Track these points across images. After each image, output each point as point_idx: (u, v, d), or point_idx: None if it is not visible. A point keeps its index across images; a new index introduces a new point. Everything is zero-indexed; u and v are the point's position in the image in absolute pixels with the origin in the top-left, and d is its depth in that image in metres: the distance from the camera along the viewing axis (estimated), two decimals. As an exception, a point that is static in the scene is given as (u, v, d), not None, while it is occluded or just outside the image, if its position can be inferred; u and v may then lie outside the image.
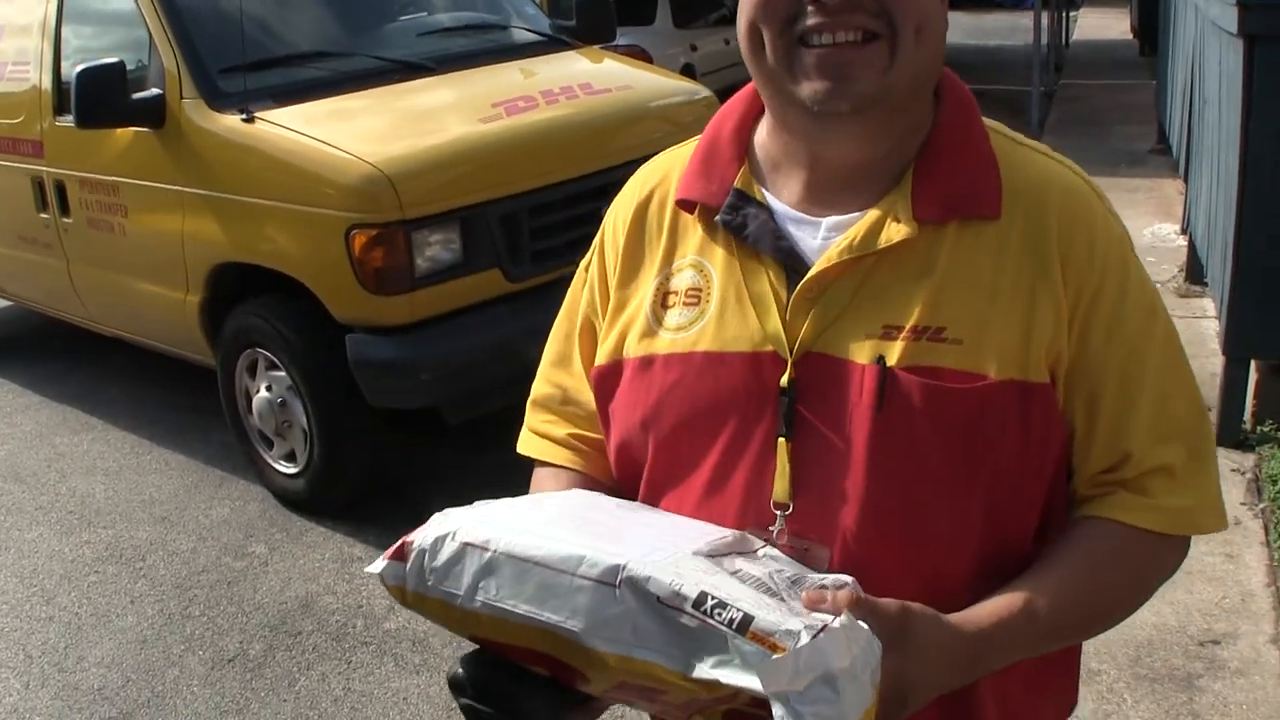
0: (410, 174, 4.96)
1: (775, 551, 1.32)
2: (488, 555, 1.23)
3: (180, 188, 5.59)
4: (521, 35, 6.64)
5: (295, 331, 5.27)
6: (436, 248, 5.01)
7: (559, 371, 1.67)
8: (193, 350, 6.03)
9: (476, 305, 5.20)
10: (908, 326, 1.35)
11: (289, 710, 4.13)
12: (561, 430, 1.66)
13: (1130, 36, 19.17)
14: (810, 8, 1.32)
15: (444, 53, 6.16)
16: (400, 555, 1.30)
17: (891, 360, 1.34)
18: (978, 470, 1.34)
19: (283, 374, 5.39)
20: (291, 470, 5.54)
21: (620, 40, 7.93)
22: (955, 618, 1.29)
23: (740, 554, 1.28)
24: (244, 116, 5.33)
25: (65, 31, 6.45)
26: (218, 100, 5.49)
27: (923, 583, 1.32)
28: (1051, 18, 17.48)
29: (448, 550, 1.26)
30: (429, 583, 1.27)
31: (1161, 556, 1.44)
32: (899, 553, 1.35)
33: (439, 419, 5.24)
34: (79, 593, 5.07)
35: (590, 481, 1.61)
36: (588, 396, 1.61)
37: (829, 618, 1.13)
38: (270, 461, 5.66)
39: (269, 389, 5.49)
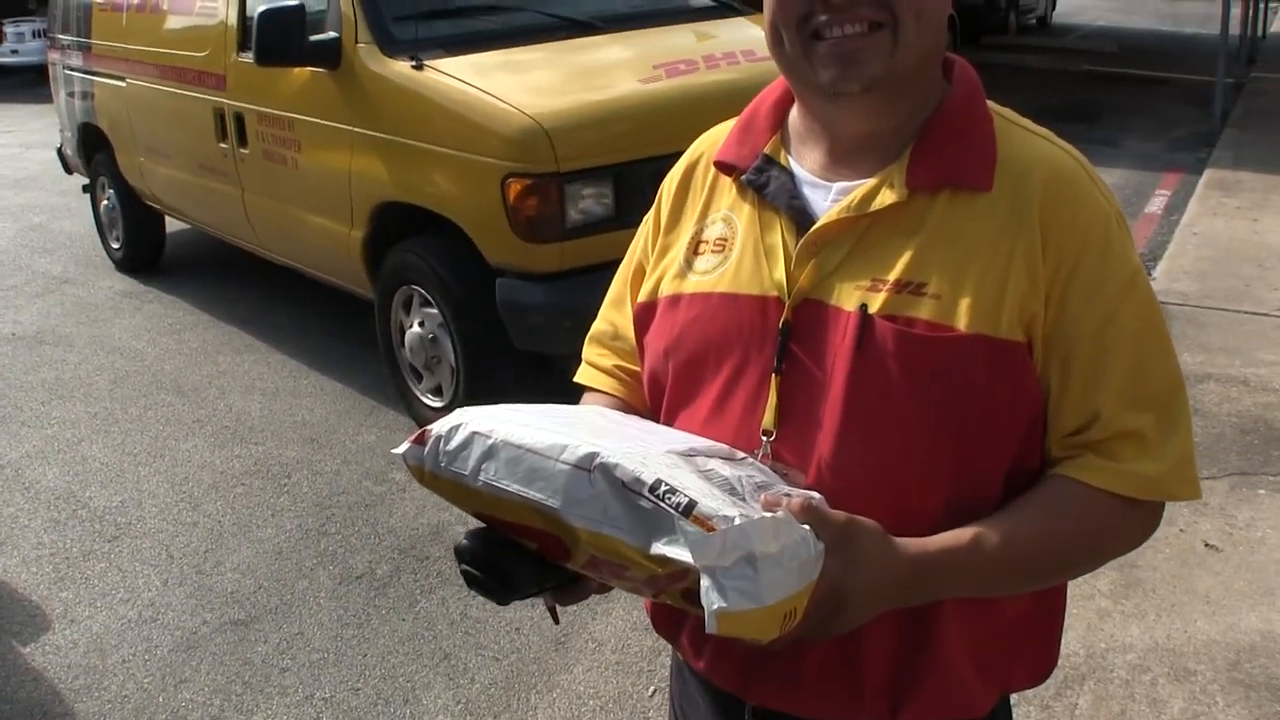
0: (566, 129, 5.08)
1: (758, 464, 1.48)
2: (490, 441, 1.40)
3: (350, 127, 5.82)
4: (693, 0, 6.69)
5: (450, 271, 5.46)
6: (589, 201, 5.13)
7: (613, 310, 1.85)
8: (353, 282, 6.28)
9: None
10: (891, 280, 1.48)
11: (406, 629, 4.32)
12: (609, 362, 1.84)
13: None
14: (819, 6, 1.47)
15: (612, 12, 6.27)
16: (421, 440, 1.47)
17: (873, 309, 1.47)
18: (945, 417, 1.45)
19: (435, 311, 5.60)
20: (438, 404, 5.75)
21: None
22: (902, 540, 1.41)
23: (723, 459, 1.44)
24: (414, 64, 5.52)
25: (253, -30, 6.69)
26: (390, 46, 5.70)
27: (890, 518, 1.42)
28: (1245, 6, 16.93)
29: (459, 437, 1.43)
30: (441, 464, 1.44)
31: (1122, 521, 1.50)
32: (867, 484, 1.46)
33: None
34: (224, 502, 5.35)
35: (626, 407, 1.77)
36: (633, 332, 1.79)
37: (769, 513, 1.29)
38: (418, 394, 5.89)
39: (421, 325, 5.70)
